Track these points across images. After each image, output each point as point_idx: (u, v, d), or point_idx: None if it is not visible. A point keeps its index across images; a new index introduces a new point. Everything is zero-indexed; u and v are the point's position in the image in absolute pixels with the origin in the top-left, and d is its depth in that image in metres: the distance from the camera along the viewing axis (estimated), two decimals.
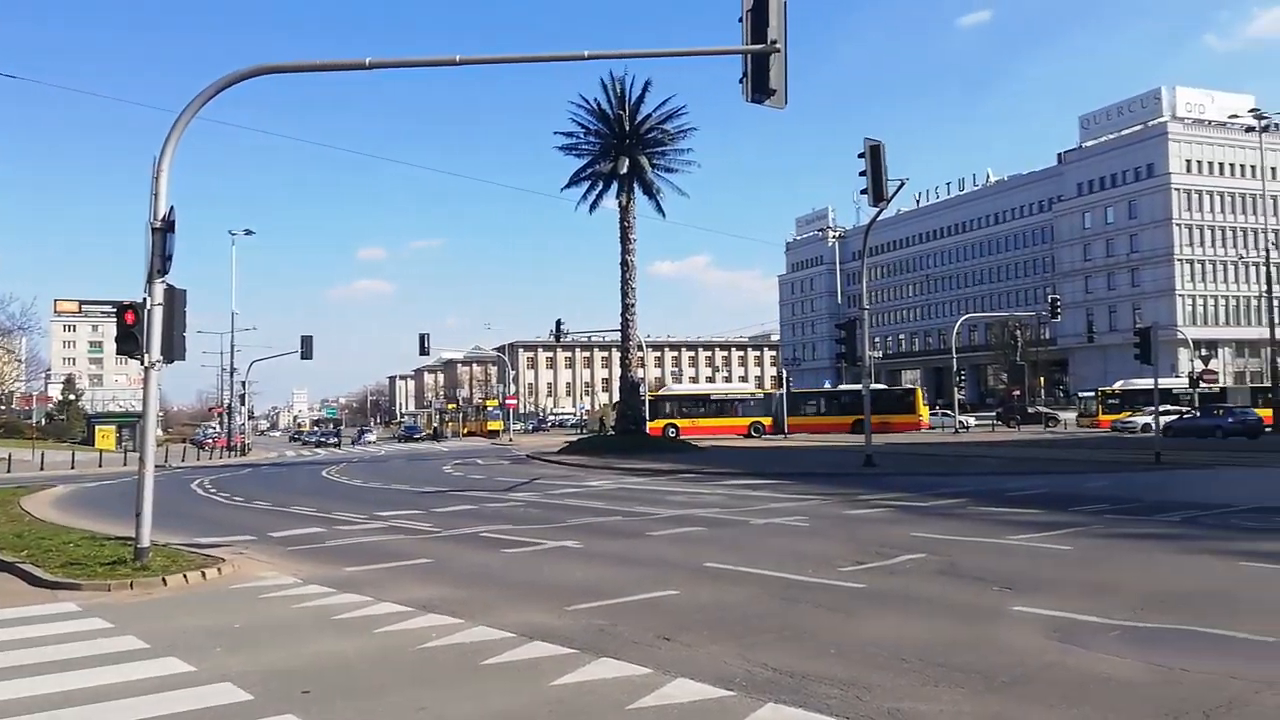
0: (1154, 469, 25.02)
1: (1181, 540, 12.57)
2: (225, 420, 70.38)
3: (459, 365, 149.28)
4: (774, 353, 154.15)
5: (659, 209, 42.37)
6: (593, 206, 42.85)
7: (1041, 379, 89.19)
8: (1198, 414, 47.30)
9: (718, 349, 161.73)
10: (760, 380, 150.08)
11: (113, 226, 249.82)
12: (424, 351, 59.43)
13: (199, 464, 49.37)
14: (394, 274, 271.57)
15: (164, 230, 11.33)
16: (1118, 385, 61.61)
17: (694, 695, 6.06)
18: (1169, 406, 50.98)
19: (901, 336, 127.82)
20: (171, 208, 11.49)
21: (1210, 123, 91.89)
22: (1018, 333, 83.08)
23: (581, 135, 42.77)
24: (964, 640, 7.34)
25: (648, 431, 46.11)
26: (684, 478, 26.14)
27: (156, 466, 12.58)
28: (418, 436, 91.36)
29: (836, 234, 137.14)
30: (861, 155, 22.39)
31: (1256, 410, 47.86)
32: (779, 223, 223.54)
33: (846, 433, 52.55)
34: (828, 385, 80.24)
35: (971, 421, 68.38)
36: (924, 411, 59.91)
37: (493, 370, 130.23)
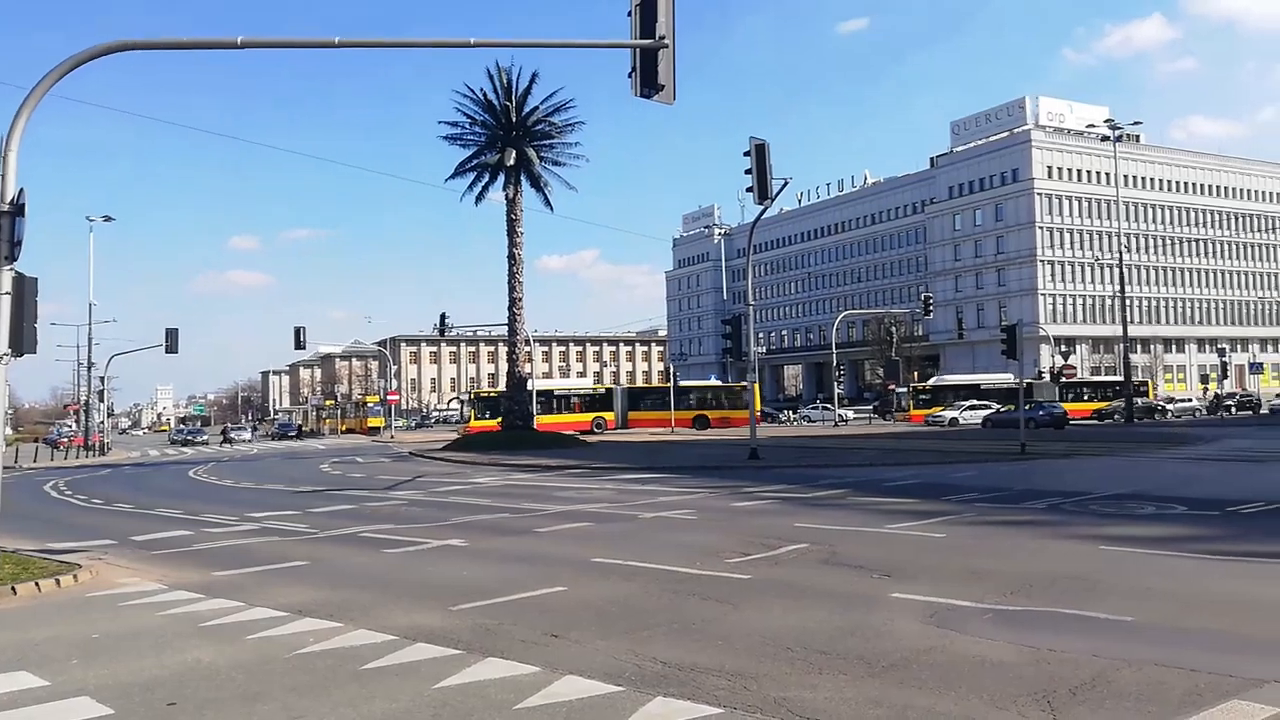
0: (1019, 459, 26.33)
1: (1046, 526, 13.24)
2: (82, 418, 66.23)
3: (337, 360, 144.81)
4: (661, 348, 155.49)
5: (547, 202, 42.12)
6: (479, 198, 42.28)
7: (915, 374, 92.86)
8: (1014, 409, 51.31)
9: (605, 344, 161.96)
10: (648, 376, 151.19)
11: None
12: (299, 345, 56.79)
13: (53, 465, 46.28)
14: (269, 265, 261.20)
15: (13, 214, 10.52)
16: (930, 381, 64.70)
17: (583, 692, 5.98)
18: (974, 401, 57.34)
19: (784, 332, 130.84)
20: (21, 190, 10.68)
21: (1069, 131, 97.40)
22: (893, 329, 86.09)
23: (467, 125, 42.08)
24: (846, 627, 7.51)
25: (535, 427, 45.75)
26: (572, 473, 26.04)
27: (5, 467, 11.68)
28: (293, 434, 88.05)
29: (723, 231, 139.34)
30: (747, 154, 22.74)
31: (1064, 405, 53.07)
32: (667, 219, 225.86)
33: (688, 427, 54.32)
34: (714, 380, 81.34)
35: (850, 415, 70.59)
36: (756, 406, 60.25)
37: (373, 365, 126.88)
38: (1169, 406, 62.01)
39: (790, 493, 18.54)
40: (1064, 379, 64.32)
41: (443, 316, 53.12)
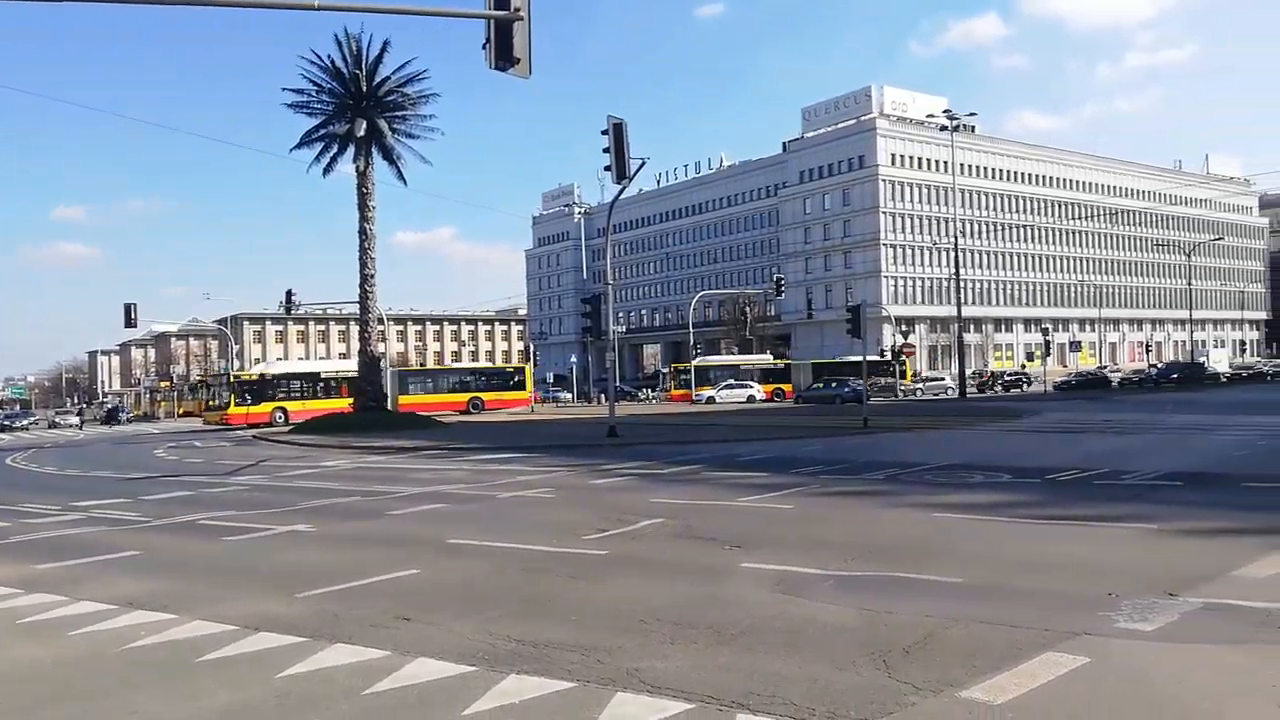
0: (862, 433, 27.62)
1: (885, 496, 13.95)
2: None
3: (174, 339, 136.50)
4: (522, 327, 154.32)
5: (400, 176, 40.93)
6: (326, 170, 40.66)
7: (769, 352, 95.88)
8: (823, 385, 57.76)
9: (464, 323, 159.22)
10: (508, 355, 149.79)
11: None
12: (130, 323, 52.58)
13: None
14: (98, 237, 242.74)
15: None
16: (695, 361, 67.22)
17: (435, 674, 5.90)
18: (731, 381, 61.50)
19: (644, 311, 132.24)
20: None
21: (911, 121, 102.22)
22: (748, 309, 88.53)
23: (314, 93, 40.30)
24: (698, 598, 7.70)
25: (390, 409, 44.64)
26: (428, 454, 25.55)
27: None
28: (125, 418, 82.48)
29: (583, 210, 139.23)
30: (605, 133, 22.75)
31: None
32: (527, 197, 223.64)
33: (461, 411, 53.67)
34: (574, 360, 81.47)
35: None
36: (529, 389, 60.16)
37: (214, 345, 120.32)
38: (919, 385, 66.02)
39: (647, 469, 18.81)
40: (903, 355, 67.77)
41: (289, 293, 50.97)
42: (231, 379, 53.39)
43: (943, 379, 70.68)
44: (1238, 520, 10.80)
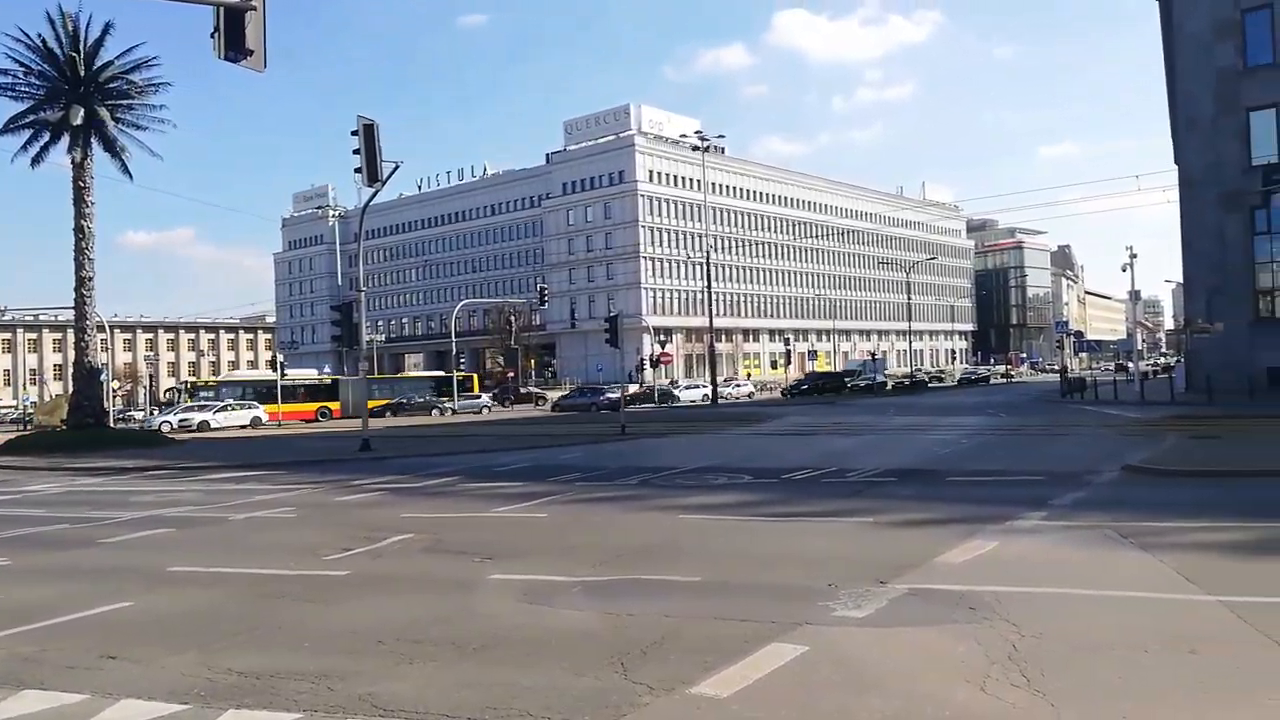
0: (621, 439, 28.30)
1: (637, 500, 14.34)
2: None
3: None
4: (270, 335, 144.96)
5: (125, 170, 37.16)
6: (36, 160, 36.12)
7: (533, 361, 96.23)
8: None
9: (204, 331, 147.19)
10: (254, 365, 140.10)
11: None
12: None
13: None
14: None
15: None
16: (217, 378, 66.52)
17: (139, 716, 5.36)
18: (230, 402, 54.52)
19: (405, 320, 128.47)
20: None
21: (667, 139, 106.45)
22: (512, 319, 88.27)
23: (21, 75, 35.76)
24: (442, 614, 7.51)
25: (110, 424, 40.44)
26: (155, 474, 23.33)
27: None
28: None
29: (337, 213, 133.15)
30: (355, 133, 21.89)
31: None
32: (277, 198, 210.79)
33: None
34: (327, 370, 77.62)
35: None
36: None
37: None
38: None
39: (400, 483, 18.22)
40: (661, 363, 70.12)
41: None
42: None
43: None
44: (940, 511, 12.04)
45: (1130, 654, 5.84)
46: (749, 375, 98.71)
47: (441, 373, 71.07)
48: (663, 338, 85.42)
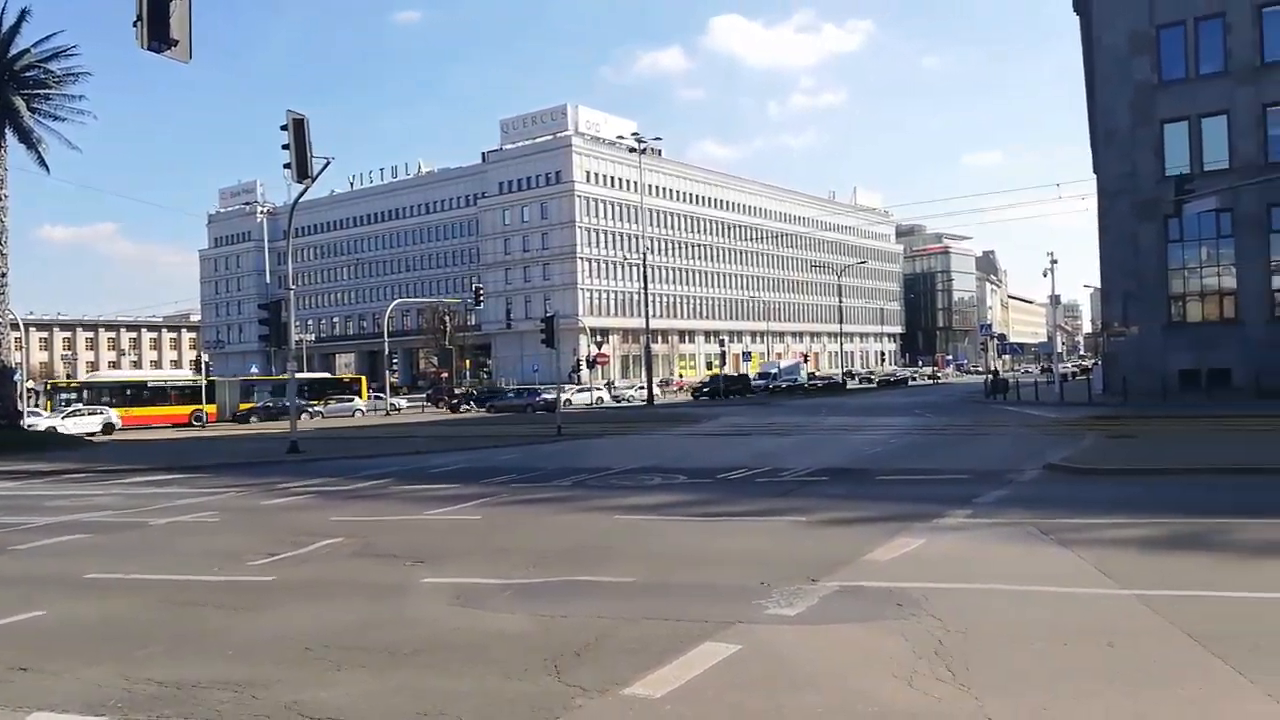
0: (557, 440, 28.18)
1: (571, 501, 14.30)
2: None
3: None
4: (195, 334, 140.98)
5: (42, 162, 35.76)
6: None
7: (468, 362, 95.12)
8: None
9: (125, 330, 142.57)
10: (177, 365, 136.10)
11: None
12: None
13: None
14: None
15: None
16: (84, 378, 64.24)
17: None
18: (79, 408, 50.57)
19: (336, 319, 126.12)
20: None
21: (605, 141, 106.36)
22: (447, 318, 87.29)
23: None
24: (372, 620, 7.38)
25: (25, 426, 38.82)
26: (72, 478, 22.47)
27: None
28: None
29: (265, 210, 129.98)
30: (285, 128, 21.41)
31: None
32: (203, 194, 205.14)
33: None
34: (254, 370, 75.76)
35: (403, 403, 70.15)
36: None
37: None
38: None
39: (330, 485, 17.86)
40: (597, 364, 70.01)
41: None
42: None
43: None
44: (870, 509, 12.26)
45: (1051, 647, 6.02)
46: (682, 376, 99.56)
47: (326, 374, 68.99)
48: (599, 339, 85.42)
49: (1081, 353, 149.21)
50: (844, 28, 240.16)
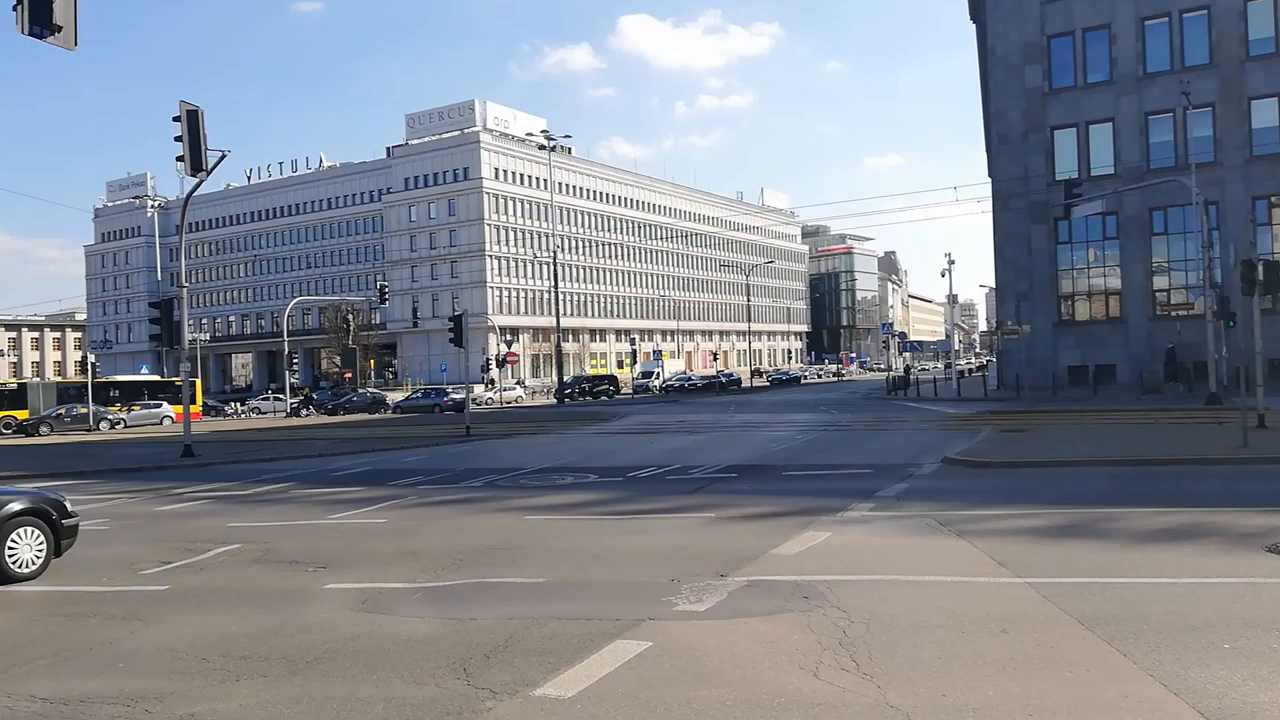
0: (465, 440, 27.81)
1: (481, 502, 14.14)
2: None
3: None
4: (80, 334, 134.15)
5: None
6: None
7: (373, 361, 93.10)
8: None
9: (4, 328, 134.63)
10: (61, 367, 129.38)
11: None
12: None
13: None
14: None
15: None
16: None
17: None
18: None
19: (232, 318, 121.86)
20: None
21: (514, 137, 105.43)
22: (350, 317, 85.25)
23: None
24: (272, 628, 7.15)
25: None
26: None
27: None
28: None
29: (157, 204, 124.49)
30: (178, 119, 20.57)
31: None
32: (88, 186, 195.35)
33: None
34: (145, 371, 72.58)
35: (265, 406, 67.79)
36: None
37: None
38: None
39: (228, 490, 17.25)
40: (507, 363, 69.44)
41: None
42: None
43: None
44: (777, 505, 12.49)
45: (949, 635, 6.23)
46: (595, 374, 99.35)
47: (156, 377, 65.39)
48: (509, 337, 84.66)
49: (977, 350, 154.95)
50: (751, 30, 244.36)
